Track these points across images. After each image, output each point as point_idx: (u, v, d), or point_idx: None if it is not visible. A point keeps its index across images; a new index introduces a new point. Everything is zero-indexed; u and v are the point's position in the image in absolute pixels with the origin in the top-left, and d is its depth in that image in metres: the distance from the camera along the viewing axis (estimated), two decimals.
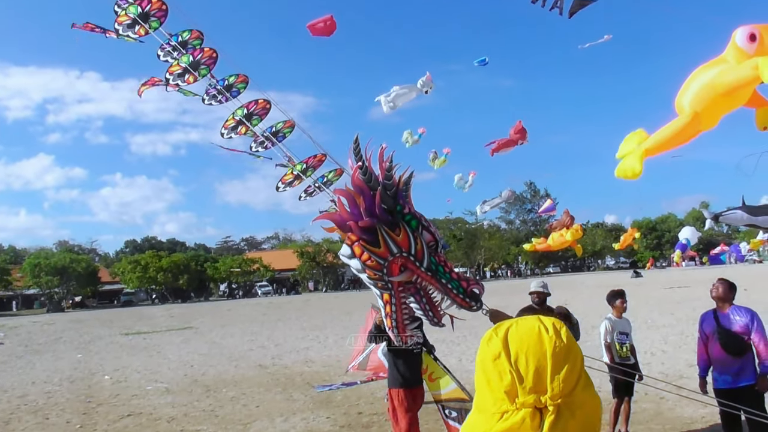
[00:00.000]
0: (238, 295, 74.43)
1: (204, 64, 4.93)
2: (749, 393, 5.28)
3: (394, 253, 3.41)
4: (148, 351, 18.39)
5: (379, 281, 3.49)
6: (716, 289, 5.69)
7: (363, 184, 3.45)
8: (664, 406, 7.83)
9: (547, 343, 1.28)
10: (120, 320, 35.92)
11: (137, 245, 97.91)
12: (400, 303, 3.59)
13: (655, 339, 13.58)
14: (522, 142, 15.04)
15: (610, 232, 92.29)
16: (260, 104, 5.02)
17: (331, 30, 8.77)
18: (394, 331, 3.64)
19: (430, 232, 3.60)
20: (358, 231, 3.39)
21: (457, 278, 3.65)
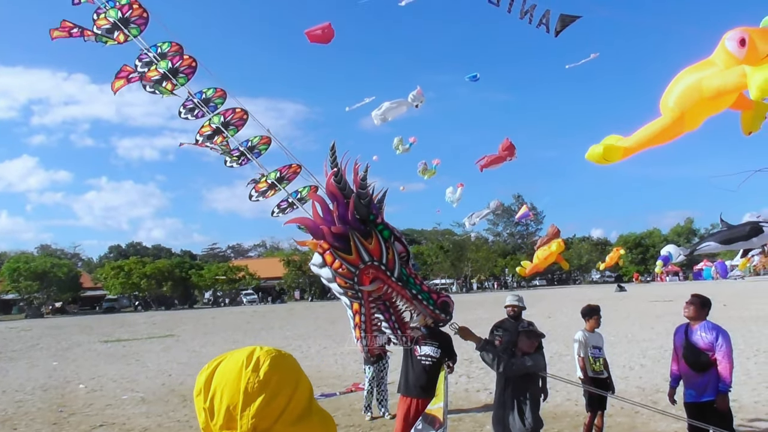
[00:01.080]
0: (223, 303, 73.81)
1: (183, 73, 4.84)
2: (713, 408, 5.32)
3: (365, 261, 3.39)
4: (126, 359, 18.14)
5: (350, 290, 3.45)
6: (688, 308, 5.73)
7: (337, 191, 3.43)
8: (638, 420, 7.84)
9: (243, 377, 1.19)
10: (100, 327, 35.45)
11: (122, 251, 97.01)
12: (369, 313, 3.57)
13: (635, 353, 13.65)
14: (510, 158, 15.20)
15: (596, 246, 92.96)
16: (237, 113, 4.93)
17: (329, 37, 8.81)
18: (362, 342, 3.60)
19: (402, 243, 3.59)
20: (330, 237, 3.37)
21: (427, 290, 3.64)
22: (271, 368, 1.20)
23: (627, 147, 4.70)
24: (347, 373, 12.76)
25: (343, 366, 13.94)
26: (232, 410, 1.18)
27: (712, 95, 4.19)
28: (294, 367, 1.26)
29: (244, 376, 1.19)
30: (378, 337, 3.74)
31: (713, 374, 5.40)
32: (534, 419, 4.60)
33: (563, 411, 8.65)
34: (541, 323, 20.95)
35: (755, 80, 3.70)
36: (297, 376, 1.24)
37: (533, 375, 4.64)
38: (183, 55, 4.79)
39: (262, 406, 1.17)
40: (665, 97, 4.57)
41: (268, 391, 1.18)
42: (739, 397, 8.85)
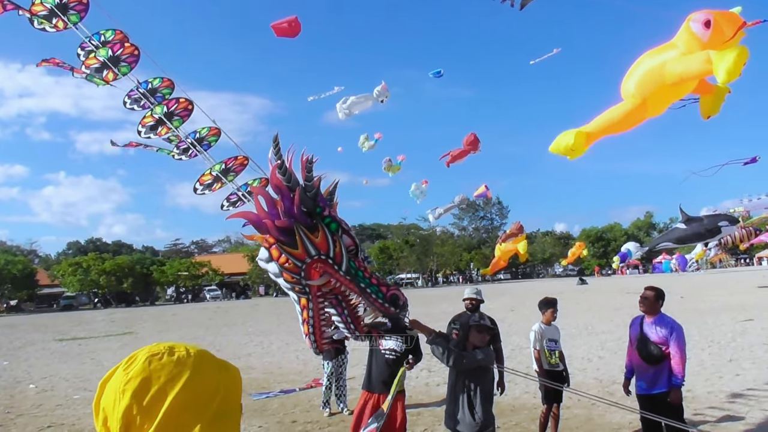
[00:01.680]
0: (186, 299, 72.58)
1: (125, 62, 4.60)
2: (664, 400, 5.37)
3: (311, 255, 3.29)
4: (81, 358, 17.61)
5: (297, 285, 3.36)
6: (643, 301, 5.76)
7: (282, 183, 3.33)
8: (594, 412, 7.91)
9: (118, 379, 1.06)
10: (56, 325, 34.42)
11: (81, 247, 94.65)
12: (318, 309, 3.48)
13: (593, 345, 13.83)
14: (474, 151, 15.30)
15: (559, 240, 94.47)
16: (182, 104, 4.71)
17: (295, 31, 8.68)
18: (310, 337, 3.51)
19: (350, 236, 3.51)
20: (274, 231, 3.27)
21: (377, 284, 3.55)
22: (143, 366, 1.06)
23: (589, 132, 4.60)
24: (308, 369, 12.61)
25: (305, 362, 13.77)
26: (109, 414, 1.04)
27: (675, 81, 4.13)
28: (179, 363, 1.08)
29: (118, 377, 1.05)
30: (333, 332, 3.68)
31: (665, 367, 5.44)
32: (484, 414, 4.54)
33: (521, 404, 8.68)
34: (504, 316, 21.23)
35: (723, 65, 3.64)
36: (179, 374, 1.07)
37: (485, 369, 4.57)
38: (125, 43, 4.57)
39: (126, 408, 1.03)
40: (626, 81, 4.49)
41: (133, 392, 1.03)
42: (693, 388, 9.03)
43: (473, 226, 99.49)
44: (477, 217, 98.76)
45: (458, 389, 4.62)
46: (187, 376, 1.06)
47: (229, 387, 1.12)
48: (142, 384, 1.04)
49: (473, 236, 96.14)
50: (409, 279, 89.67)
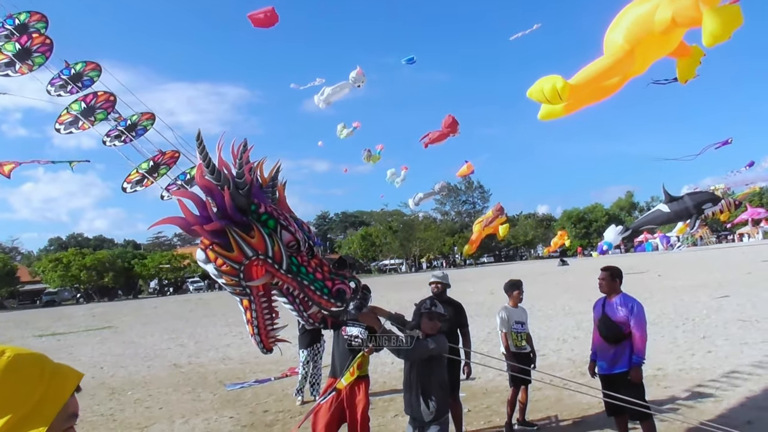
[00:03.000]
0: (168, 291, 72.12)
1: (38, 52, 4.37)
2: (624, 379, 5.40)
3: (249, 257, 3.17)
4: (58, 353, 17.36)
5: (236, 287, 3.26)
6: (601, 283, 5.78)
7: (210, 183, 3.15)
8: (564, 392, 7.94)
9: None
10: (37, 321, 34.05)
11: (62, 243, 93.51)
12: (261, 309, 3.38)
13: (569, 325, 13.93)
14: (453, 134, 15.21)
15: (541, 222, 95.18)
16: (102, 96, 4.49)
17: (272, 21, 8.60)
18: (255, 338, 3.46)
19: (289, 231, 3.35)
20: (207, 235, 3.12)
21: (321, 278, 3.43)
22: None
23: (572, 83, 4.38)
24: (284, 359, 12.50)
25: (282, 351, 13.67)
26: None
27: (664, 27, 3.94)
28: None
29: None
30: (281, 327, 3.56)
31: (626, 346, 5.47)
32: (439, 403, 4.51)
33: (494, 386, 8.71)
34: (483, 299, 21.35)
35: (709, 27, 3.55)
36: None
37: (438, 357, 4.53)
38: (32, 34, 4.34)
39: None
40: (611, 32, 4.30)
41: None
42: (664, 366, 9.14)
43: (455, 210, 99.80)
44: (459, 201, 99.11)
45: (413, 378, 4.59)
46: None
47: (48, 395, 1.04)
48: None
49: (456, 220, 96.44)
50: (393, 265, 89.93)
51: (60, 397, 1.05)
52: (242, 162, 3.19)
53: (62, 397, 1.06)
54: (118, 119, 4.56)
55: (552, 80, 4.26)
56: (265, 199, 3.29)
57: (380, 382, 9.65)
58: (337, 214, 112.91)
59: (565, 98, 4.25)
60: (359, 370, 6.10)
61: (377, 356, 11.30)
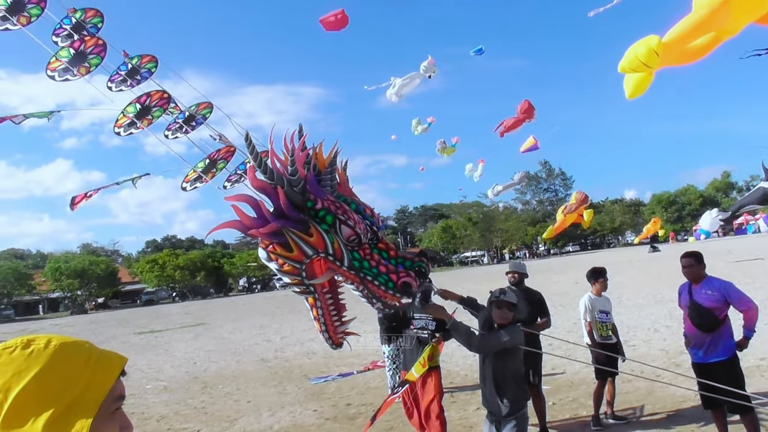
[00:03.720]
0: (256, 289, 74.85)
1: (92, 53, 4.39)
2: (721, 369, 5.04)
3: (309, 256, 3.08)
4: (156, 349, 18.45)
5: (300, 285, 3.17)
6: (687, 272, 5.46)
7: (263, 183, 3.08)
8: (657, 384, 7.52)
9: None
10: (137, 319, 36.27)
11: (158, 245, 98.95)
12: (326, 305, 3.30)
13: (661, 315, 13.25)
14: (529, 120, 14.73)
15: (629, 208, 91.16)
16: (155, 96, 4.49)
17: (343, 24, 8.72)
18: (324, 335, 3.37)
19: (349, 226, 3.21)
20: (265, 237, 3.07)
21: (386, 272, 3.28)
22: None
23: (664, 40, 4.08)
24: (367, 352, 12.66)
25: (364, 345, 13.83)
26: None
27: None
28: (31, 357, 1.04)
29: None
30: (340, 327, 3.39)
31: (721, 334, 5.13)
32: (514, 397, 4.35)
33: (580, 379, 8.41)
34: (568, 289, 20.71)
35: None
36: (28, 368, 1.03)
37: (513, 349, 4.34)
38: (84, 37, 4.37)
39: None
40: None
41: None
42: (767, 355, 8.50)
43: (537, 199, 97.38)
44: (540, 189, 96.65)
45: (486, 370, 4.45)
46: (37, 370, 1.02)
47: (95, 380, 1.07)
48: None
49: (537, 209, 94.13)
50: (474, 257, 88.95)
51: (106, 383, 1.09)
52: (295, 158, 3.11)
53: (108, 383, 1.09)
54: (175, 109, 4.59)
55: (646, 41, 4.00)
56: (322, 193, 3.17)
57: (461, 375, 9.55)
58: (417, 207, 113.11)
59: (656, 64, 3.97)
60: (430, 361, 6.07)
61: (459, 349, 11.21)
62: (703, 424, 6.02)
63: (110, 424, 1.11)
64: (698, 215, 69.31)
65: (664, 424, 6.27)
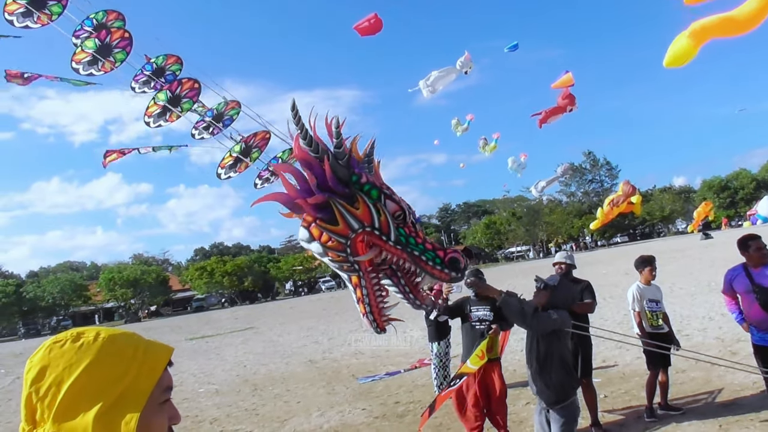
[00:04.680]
0: (302, 292, 75.70)
1: (118, 47, 4.26)
2: None
3: (355, 230, 2.98)
4: (207, 354, 18.86)
5: (344, 263, 3.05)
6: (758, 254, 5.25)
7: (308, 155, 2.99)
8: (713, 373, 7.30)
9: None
10: (188, 326, 37.16)
11: (206, 252, 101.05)
12: (371, 285, 3.14)
13: (715, 303, 12.78)
14: (571, 108, 14.33)
15: (679, 195, 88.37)
16: (186, 84, 4.38)
17: (377, 28, 8.76)
18: (368, 317, 3.18)
19: (394, 201, 3.14)
20: (310, 209, 2.99)
21: (432, 249, 3.18)
22: (43, 354, 1.06)
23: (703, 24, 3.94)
24: (414, 350, 12.67)
25: (411, 343, 13.84)
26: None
27: None
28: (81, 350, 1.06)
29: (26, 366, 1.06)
30: (393, 305, 3.27)
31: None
32: (560, 383, 4.27)
33: (632, 370, 8.20)
34: (618, 280, 20.23)
35: None
36: (78, 361, 1.04)
37: (559, 333, 4.26)
38: (110, 28, 4.26)
39: (27, 397, 1.03)
40: None
41: (32, 381, 1.03)
42: None
43: (582, 190, 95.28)
44: (585, 180, 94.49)
45: (532, 355, 4.38)
46: (87, 363, 1.04)
47: (143, 371, 1.08)
48: (40, 372, 1.03)
49: (583, 201, 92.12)
50: (520, 252, 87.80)
51: (154, 373, 1.10)
52: (339, 131, 3.02)
53: (156, 373, 1.10)
54: (203, 108, 4.50)
55: (683, 40, 3.90)
56: (365, 171, 3.12)
57: (510, 371, 9.43)
58: (459, 204, 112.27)
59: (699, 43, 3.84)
60: (489, 354, 6.00)
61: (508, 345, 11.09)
62: (764, 411, 5.79)
63: (159, 416, 1.11)
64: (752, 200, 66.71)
65: (722, 413, 6.05)
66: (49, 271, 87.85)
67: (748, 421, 5.71)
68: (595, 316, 12.79)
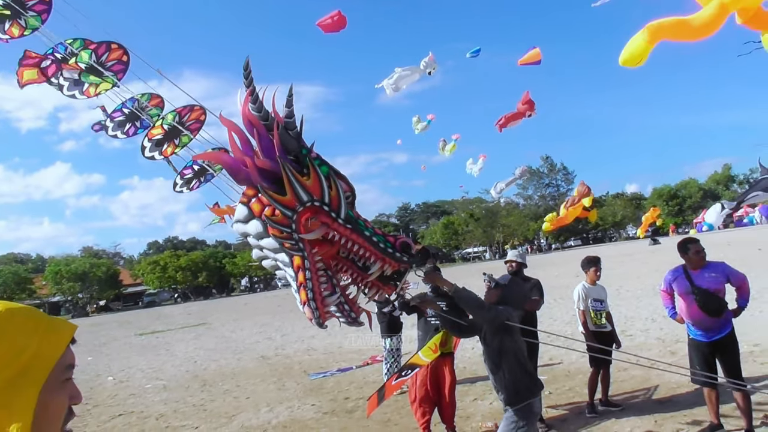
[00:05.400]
0: (258, 288, 74.88)
1: (111, 70, 3.87)
2: (729, 342, 5.33)
3: (303, 202, 2.70)
4: (157, 350, 18.48)
5: (288, 240, 2.72)
6: (699, 256, 5.49)
7: (256, 120, 2.70)
8: (652, 372, 7.55)
9: None
10: (138, 321, 36.33)
11: (159, 246, 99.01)
12: (315, 269, 2.78)
13: (659, 306, 13.07)
14: (530, 114, 14.59)
15: (631, 202, 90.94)
16: (195, 113, 3.98)
17: (340, 25, 8.69)
18: (311, 305, 2.79)
19: (345, 181, 2.90)
20: (255, 174, 2.69)
21: (382, 234, 2.95)
22: None
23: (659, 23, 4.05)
24: (367, 348, 12.71)
25: (365, 341, 13.88)
26: None
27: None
28: None
29: None
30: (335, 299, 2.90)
31: (728, 314, 5.34)
32: (511, 383, 4.07)
33: (577, 369, 8.42)
34: (569, 282, 20.62)
35: None
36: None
37: (510, 330, 4.04)
38: (111, 44, 3.86)
39: None
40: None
41: None
42: (761, 341, 8.55)
43: (539, 194, 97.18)
44: (542, 184, 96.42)
45: (485, 352, 4.23)
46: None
47: (44, 347, 1.04)
48: None
49: (539, 204, 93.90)
50: (476, 252, 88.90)
51: (56, 350, 1.06)
52: (291, 100, 2.76)
53: (58, 350, 1.06)
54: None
55: (637, 38, 4.02)
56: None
57: (460, 368, 9.55)
58: (419, 204, 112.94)
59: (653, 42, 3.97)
60: (442, 348, 6.06)
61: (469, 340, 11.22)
62: (697, 408, 6.03)
63: (60, 393, 1.07)
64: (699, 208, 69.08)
65: (658, 409, 6.29)
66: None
67: (682, 417, 5.96)
68: (544, 315, 13.11)
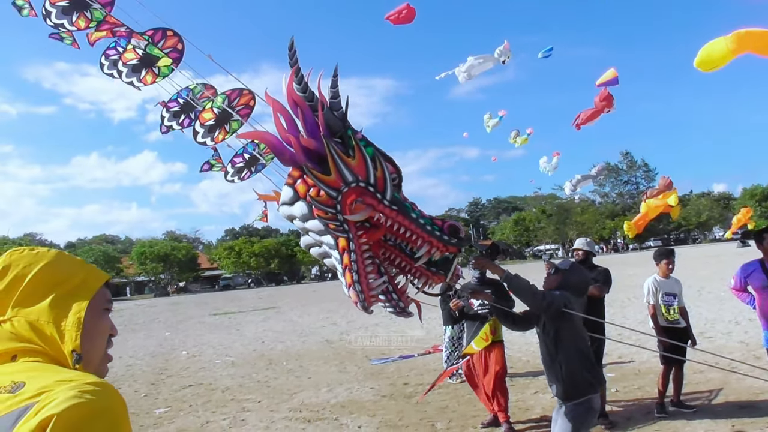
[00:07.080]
0: (327, 277, 76.16)
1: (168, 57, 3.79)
2: None
3: (348, 182, 2.62)
4: (228, 329, 19.14)
5: (332, 221, 2.65)
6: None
7: (301, 99, 2.64)
8: (732, 376, 7.07)
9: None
10: (214, 302, 37.78)
11: (236, 233, 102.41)
12: (361, 251, 2.71)
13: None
14: (608, 110, 14.10)
15: (717, 202, 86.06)
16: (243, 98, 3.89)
17: (410, 17, 8.70)
18: (356, 287, 2.73)
19: (392, 163, 2.80)
20: (301, 153, 2.65)
21: (429, 217, 2.83)
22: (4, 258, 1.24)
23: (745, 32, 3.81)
24: (430, 336, 12.63)
25: (428, 330, 13.81)
26: None
27: None
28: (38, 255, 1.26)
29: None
30: (375, 282, 2.81)
31: None
32: (570, 378, 3.78)
33: (648, 368, 8.02)
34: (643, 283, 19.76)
35: None
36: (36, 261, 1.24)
37: (569, 322, 3.78)
38: (167, 32, 3.81)
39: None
40: None
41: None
42: None
43: (616, 191, 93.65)
44: (620, 181, 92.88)
45: (541, 342, 3.97)
46: (43, 263, 1.23)
47: (88, 278, 1.28)
48: (3, 270, 1.22)
49: (617, 202, 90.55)
50: (548, 250, 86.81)
51: (97, 281, 1.30)
52: (336, 80, 2.68)
53: (99, 281, 1.30)
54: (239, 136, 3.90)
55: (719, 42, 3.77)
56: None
57: (523, 360, 9.34)
58: (490, 200, 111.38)
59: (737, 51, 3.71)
60: (493, 336, 5.97)
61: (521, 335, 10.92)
62: None
63: (102, 319, 1.29)
64: None
65: (736, 414, 5.87)
66: (86, 243, 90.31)
67: (764, 423, 5.54)
68: (616, 315, 12.62)
